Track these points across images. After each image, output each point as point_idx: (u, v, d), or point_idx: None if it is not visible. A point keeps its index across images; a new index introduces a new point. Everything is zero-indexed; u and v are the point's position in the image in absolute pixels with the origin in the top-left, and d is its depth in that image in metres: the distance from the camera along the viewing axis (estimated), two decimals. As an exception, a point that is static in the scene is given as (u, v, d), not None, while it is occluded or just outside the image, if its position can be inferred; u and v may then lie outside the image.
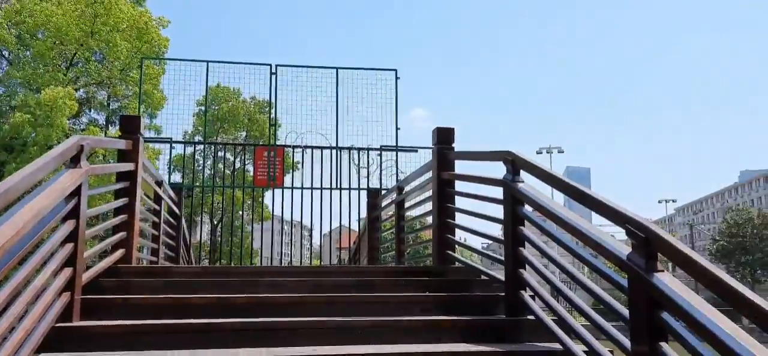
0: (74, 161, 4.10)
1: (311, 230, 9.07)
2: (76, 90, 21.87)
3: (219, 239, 25.33)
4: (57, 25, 21.12)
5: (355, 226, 10.10)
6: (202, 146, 15.19)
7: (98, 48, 22.17)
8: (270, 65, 9.17)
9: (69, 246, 3.88)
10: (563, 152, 53.32)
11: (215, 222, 26.43)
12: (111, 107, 24.46)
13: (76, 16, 21.42)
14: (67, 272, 3.84)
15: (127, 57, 21.79)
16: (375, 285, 5.12)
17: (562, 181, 3.82)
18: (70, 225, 3.88)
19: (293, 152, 9.03)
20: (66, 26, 21.01)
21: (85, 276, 4.24)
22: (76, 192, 3.96)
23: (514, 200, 4.38)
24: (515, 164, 4.43)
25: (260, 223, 16.46)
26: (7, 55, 24.38)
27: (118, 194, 5.49)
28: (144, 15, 22.67)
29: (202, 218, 25.50)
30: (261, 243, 11.59)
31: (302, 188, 8.84)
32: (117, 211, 5.42)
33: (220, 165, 19.03)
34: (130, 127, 5.67)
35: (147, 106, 21.41)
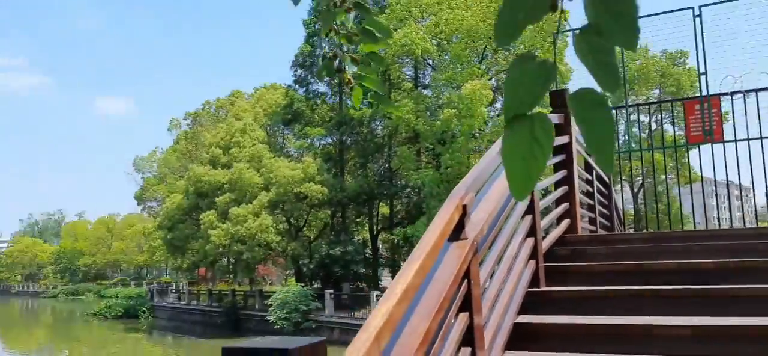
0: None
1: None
2: (489, 80, 24.02)
3: (641, 205, 24.30)
4: (467, 27, 23.56)
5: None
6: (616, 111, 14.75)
7: (504, 37, 23.87)
8: (692, 8, 8.23)
9: (528, 219, 4.20)
10: None
11: (635, 189, 25.51)
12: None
13: (483, 15, 23.49)
14: (530, 242, 4.16)
15: (530, 39, 22.83)
16: None
17: None
18: (527, 198, 4.19)
19: (732, 99, 7.89)
20: (475, 26, 23.26)
21: (544, 245, 4.52)
22: (530, 167, 4.25)
23: None
24: None
25: (689, 185, 15.06)
26: (431, 63, 28.44)
27: (556, 167, 5.71)
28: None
29: (622, 186, 24.93)
30: (703, 206, 10.53)
31: (748, 138, 7.65)
32: (557, 184, 5.64)
33: (634, 130, 18.24)
34: (560, 101, 5.82)
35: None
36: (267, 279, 46.22)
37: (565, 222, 5.45)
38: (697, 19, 8.19)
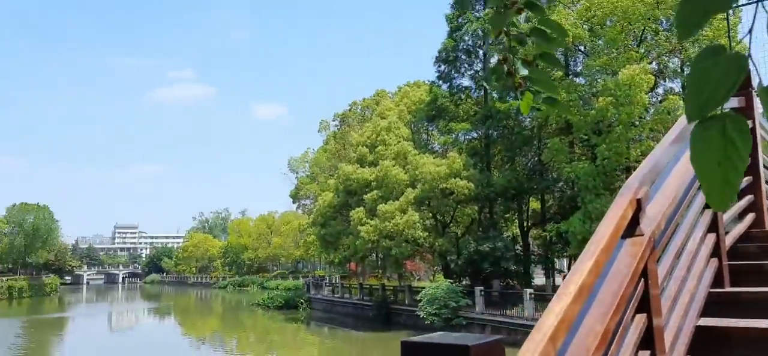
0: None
1: None
2: (649, 64, 22.31)
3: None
4: (623, 8, 22.09)
5: None
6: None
7: (665, 17, 22.05)
8: None
9: (708, 213, 3.82)
10: None
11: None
12: (685, 72, 23.95)
13: (640, -6, 21.89)
14: (711, 238, 3.78)
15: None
16: None
17: None
18: (707, 190, 3.81)
19: None
20: (631, 6, 21.73)
21: (727, 241, 4.09)
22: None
23: None
24: None
25: None
26: (583, 49, 27.07)
27: (737, 155, 5.15)
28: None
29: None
30: None
31: None
32: (739, 173, 5.08)
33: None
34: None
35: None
36: (415, 275, 46.99)
37: (750, 216, 4.89)
38: None
